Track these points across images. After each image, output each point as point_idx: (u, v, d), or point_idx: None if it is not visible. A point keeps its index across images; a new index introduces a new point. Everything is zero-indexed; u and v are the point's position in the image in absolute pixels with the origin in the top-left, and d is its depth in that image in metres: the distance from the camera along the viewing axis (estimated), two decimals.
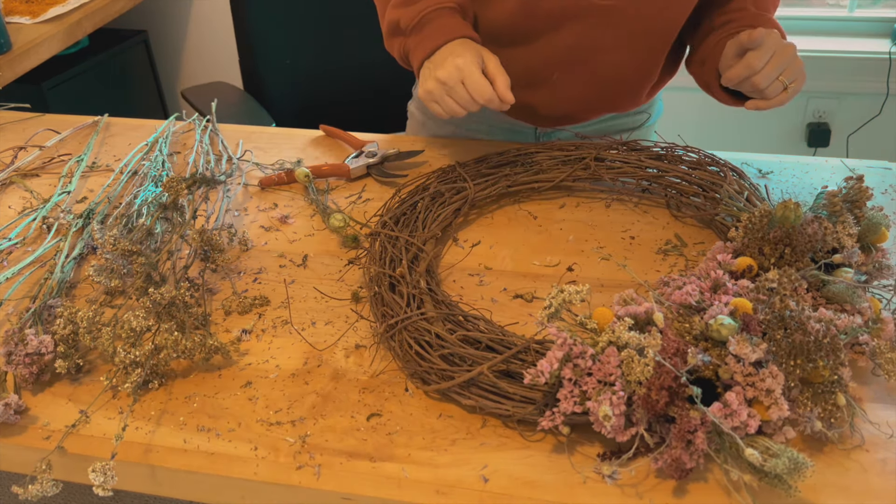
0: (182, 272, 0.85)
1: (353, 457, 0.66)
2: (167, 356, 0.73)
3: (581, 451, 0.65)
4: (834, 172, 1.01)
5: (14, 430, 0.71)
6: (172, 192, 0.91)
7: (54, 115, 1.27)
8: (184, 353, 0.73)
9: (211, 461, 0.67)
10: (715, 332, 0.63)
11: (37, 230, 0.97)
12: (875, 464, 0.63)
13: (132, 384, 0.70)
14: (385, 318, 0.76)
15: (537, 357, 0.68)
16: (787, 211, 0.72)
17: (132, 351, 0.72)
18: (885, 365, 0.66)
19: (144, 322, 0.74)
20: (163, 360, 0.73)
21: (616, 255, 0.88)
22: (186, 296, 0.78)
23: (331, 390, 0.73)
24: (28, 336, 0.74)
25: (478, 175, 0.98)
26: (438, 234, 0.89)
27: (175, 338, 0.73)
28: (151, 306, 0.75)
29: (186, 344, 0.73)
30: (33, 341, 0.73)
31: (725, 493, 0.61)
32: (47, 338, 0.74)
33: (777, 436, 0.62)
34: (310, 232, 0.95)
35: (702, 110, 2.30)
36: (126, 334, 0.73)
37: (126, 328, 0.73)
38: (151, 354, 0.72)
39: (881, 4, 2.21)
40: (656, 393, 0.60)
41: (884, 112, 2.17)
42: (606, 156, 0.99)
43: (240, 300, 0.83)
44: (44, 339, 0.74)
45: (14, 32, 1.68)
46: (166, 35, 2.49)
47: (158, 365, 0.73)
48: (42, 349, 0.74)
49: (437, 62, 0.92)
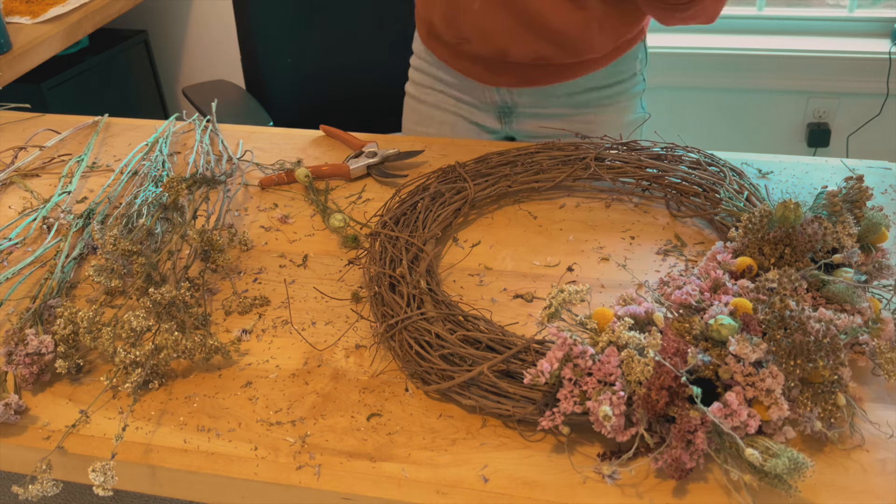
0: (182, 272, 0.85)
1: (353, 457, 0.66)
2: (167, 356, 0.73)
3: (581, 451, 0.65)
4: (834, 172, 1.01)
5: (14, 430, 0.71)
6: (173, 193, 0.91)
7: (54, 115, 1.27)
8: (184, 354, 0.73)
9: (211, 461, 0.67)
10: (715, 332, 0.63)
11: (37, 230, 0.97)
12: (875, 464, 0.63)
13: (132, 384, 0.70)
14: (385, 318, 0.76)
15: (537, 357, 0.68)
16: (787, 211, 0.72)
17: (132, 351, 0.72)
18: (885, 365, 0.66)
19: (145, 322, 0.74)
20: (163, 361, 0.73)
21: (616, 255, 0.88)
22: (187, 296, 0.78)
23: (331, 390, 0.73)
24: (28, 336, 0.74)
25: (478, 175, 0.98)
26: (438, 234, 0.89)
27: (175, 338, 0.73)
28: (152, 306, 0.75)
29: (187, 344, 0.73)
30: (34, 341, 0.73)
31: (725, 493, 0.61)
32: (47, 338, 0.74)
33: (777, 436, 0.62)
34: (310, 232, 0.95)
35: (702, 110, 2.31)
36: (126, 334, 0.73)
37: (126, 328, 0.73)
38: (152, 354, 0.72)
39: (881, 4, 2.21)
40: (656, 393, 0.60)
41: (884, 112, 2.17)
42: (606, 156, 0.99)
43: (240, 300, 0.83)
44: (44, 339, 0.74)
45: (14, 32, 1.68)
46: (166, 35, 2.49)
47: (159, 365, 0.73)
48: (42, 349, 0.74)
49: None
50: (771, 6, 2.23)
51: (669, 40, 2.23)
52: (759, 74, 2.20)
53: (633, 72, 1.18)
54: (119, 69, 2.28)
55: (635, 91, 1.20)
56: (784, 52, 2.17)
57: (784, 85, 2.21)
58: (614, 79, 1.17)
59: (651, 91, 1.22)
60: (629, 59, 1.16)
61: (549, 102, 1.17)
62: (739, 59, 2.19)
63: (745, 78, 2.21)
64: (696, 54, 2.20)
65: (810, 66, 2.17)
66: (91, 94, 2.15)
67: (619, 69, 1.16)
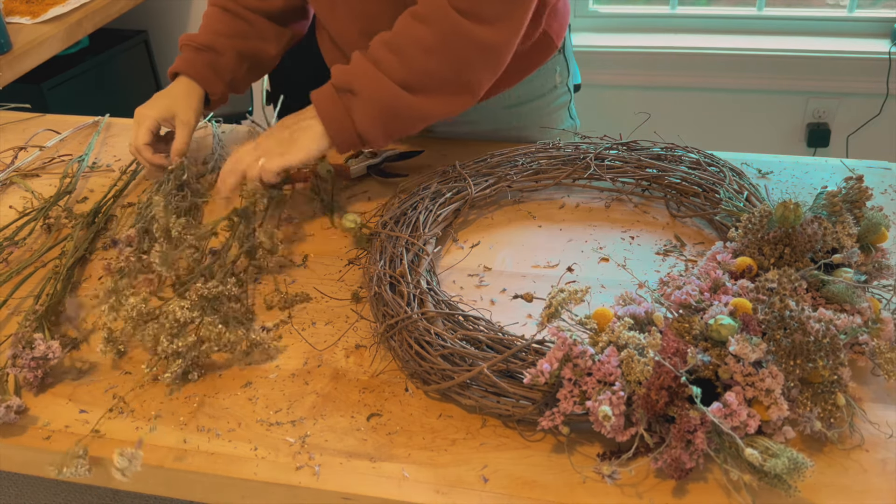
0: (230, 267, 0.86)
1: (353, 457, 0.66)
2: (209, 348, 0.74)
3: (581, 451, 0.65)
4: (834, 172, 1.01)
5: (14, 431, 0.71)
6: (251, 201, 0.91)
7: (54, 115, 1.27)
8: (226, 347, 0.74)
9: (211, 461, 0.67)
10: (715, 332, 0.63)
11: (37, 230, 0.97)
12: (875, 464, 0.63)
13: (172, 374, 0.72)
14: (385, 318, 0.76)
15: (537, 357, 0.68)
16: (787, 211, 0.72)
17: (175, 341, 0.72)
18: (885, 365, 0.66)
19: (189, 314, 0.75)
20: (205, 353, 0.74)
21: (616, 255, 0.88)
22: (234, 291, 0.79)
23: (331, 390, 0.73)
24: (37, 341, 0.74)
25: (478, 175, 0.98)
26: (438, 234, 0.89)
27: (219, 330, 0.74)
28: (197, 299, 0.76)
29: (230, 337, 0.74)
30: (41, 346, 0.73)
31: (725, 493, 0.61)
32: (55, 343, 0.74)
33: (777, 436, 0.62)
34: (310, 232, 0.95)
35: (702, 110, 2.31)
36: (169, 324, 0.74)
37: (171, 318, 0.74)
38: (194, 346, 0.73)
39: (881, 4, 2.21)
40: (656, 393, 0.60)
41: (883, 112, 2.17)
42: (606, 156, 0.99)
43: (281, 295, 0.83)
44: (51, 344, 0.74)
45: (14, 32, 1.68)
46: (166, 35, 2.49)
47: (200, 357, 0.74)
48: (49, 354, 0.73)
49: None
50: (771, 6, 2.23)
51: (669, 40, 2.23)
52: (759, 74, 2.20)
53: (553, 85, 1.13)
54: (119, 69, 2.28)
55: (558, 104, 1.16)
56: (784, 52, 2.17)
57: (784, 85, 2.21)
58: (531, 94, 1.12)
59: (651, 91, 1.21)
60: (544, 74, 1.11)
61: (465, 121, 1.12)
62: (739, 59, 2.19)
63: (745, 78, 2.21)
64: (696, 54, 2.20)
65: (810, 66, 2.16)
66: (91, 94, 2.15)
67: (535, 84, 1.11)
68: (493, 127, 1.13)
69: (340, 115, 0.91)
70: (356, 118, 0.90)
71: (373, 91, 0.89)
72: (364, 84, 0.89)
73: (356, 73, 0.90)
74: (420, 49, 0.88)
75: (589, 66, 2.12)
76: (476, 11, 0.86)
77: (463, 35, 0.87)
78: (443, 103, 0.92)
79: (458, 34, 0.87)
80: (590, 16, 2.30)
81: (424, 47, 0.88)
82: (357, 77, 0.90)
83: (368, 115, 0.90)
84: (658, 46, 2.22)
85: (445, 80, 0.90)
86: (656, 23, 2.29)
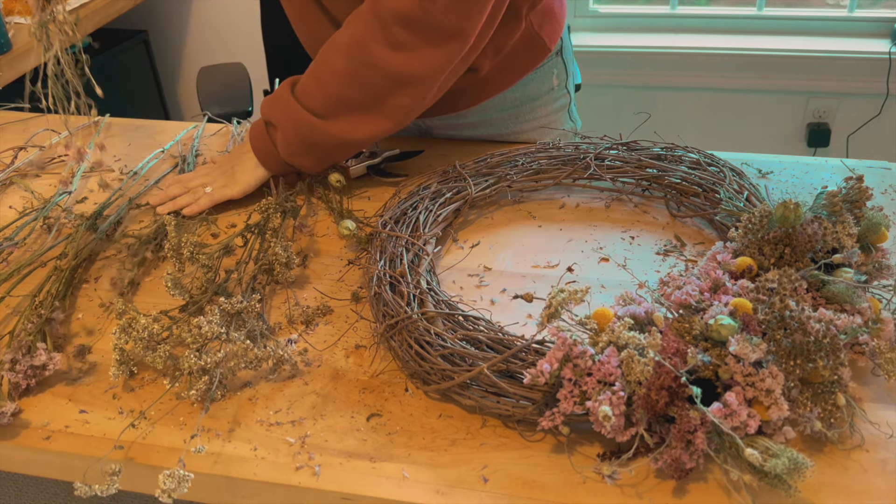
0: (251, 281, 0.84)
1: (353, 457, 0.66)
2: (236, 365, 0.71)
3: (581, 451, 0.65)
4: (834, 172, 1.01)
5: (14, 431, 0.71)
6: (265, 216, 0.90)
7: (54, 115, 1.27)
8: (251, 363, 0.71)
9: (210, 461, 0.67)
10: (715, 332, 0.63)
11: (37, 231, 0.97)
12: (875, 464, 0.63)
13: (197, 391, 0.69)
14: (385, 318, 0.76)
15: (537, 357, 0.68)
16: (787, 211, 0.72)
17: (203, 357, 0.70)
18: (885, 365, 0.66)
19: (217, 328, 0.72)
20: (231, 370, 0.71)
21: (616, 255, 0.88)
22: (257, 307, 0.78)
23: (331, 390, 0.73)
24: (39, 350, 0.73)
25: (478, 175, 0.98)
26: (438, 234, 0.89)
27: (246, 346, 0.71)
28: (220, 317, 0.74)
29: (257, 353, 0.71)
30: (42, 356, 0.73)
31: (725, 493, 0.61)
32: (57, 355, 0.74)
33: (777, 436, 0.62)
34: (310, 232, 0.95)
35: (702, 110, 2.31)
36: (193, 339, 0.71)
37: (195, 333, 0.72)
38: (221, 362, 0.70)
39: (881, 4, 2.21)
40: (656, 393, 0.60)
41: (884, 112, 2.17)
42: (606, 156, 0.99)
43: (302, 310, 0.81)
44: (54, 355, 0.73)
45: (14, 32, 1.68)
46: (166, 35, 2.49)
47: (226, 374, 0.72)
48: (50, 365, 0.73)
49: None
50: (771, 6, 2.23)
51: (669, 40, 2.23)
52: (759, 74, 2.20)
53: (550, 87, 1.12)
54: (119, 69, 2.28)
55: (557, 106, 1.15)
56: (784, 52, 2.17)
57: (784, 85, 2.21)
58: (527, 97, 1.11)
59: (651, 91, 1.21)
60: (540, 76, 1.10)
61: (463, 125, 1.13)
62: (739, 59, 2.19)
63: (745, 78, 2.21)
64: (696, 54, 2.20)
65: (810, 66, 2.17)
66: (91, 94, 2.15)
67: (531, 87, 1.10)
68: (491, 130, 1.13)
69: (268, 147, 0.95)
70: (280, 149, 0.95)
71: (287, 121, 0.93)
72: (280, 114, 0.93)
73: (275, 105, 0.94)
74: (335, 77, 0.90)
75: (589, 66, 2.12)
76: (388, 40, 0.86)
77: (371, 65, 0.88)
78: (363, 128, 0.93)
79: (367, 64, 0.88)
80: (590, 16, 2.30)
81: (339, 76, 0.90)
82: (274, 108, 0.94)
83: (289, 144, 0.94)
84: (658, 46, 2.22)
85: (362, 107, 0.91)
86: (656, 23, 2.29)
